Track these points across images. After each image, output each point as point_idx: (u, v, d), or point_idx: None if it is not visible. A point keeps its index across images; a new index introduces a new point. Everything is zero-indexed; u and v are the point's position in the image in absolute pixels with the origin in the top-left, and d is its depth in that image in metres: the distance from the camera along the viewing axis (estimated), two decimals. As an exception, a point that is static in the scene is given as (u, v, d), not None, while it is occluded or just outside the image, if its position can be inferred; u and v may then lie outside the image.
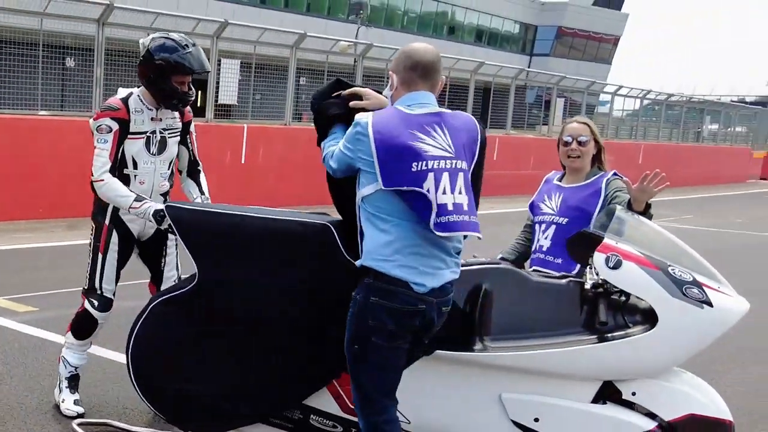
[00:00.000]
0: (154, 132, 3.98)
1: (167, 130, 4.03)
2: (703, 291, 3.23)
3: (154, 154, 4.00)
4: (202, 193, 4.22)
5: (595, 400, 3.30)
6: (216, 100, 11.82)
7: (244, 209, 3.45)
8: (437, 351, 3.30)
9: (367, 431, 3.02)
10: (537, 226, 3.97)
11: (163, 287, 4.10)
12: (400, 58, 3.05)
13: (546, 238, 3.89)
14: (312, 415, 3.46)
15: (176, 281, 4.13)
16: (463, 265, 3.42)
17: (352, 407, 3.32)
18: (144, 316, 3.54)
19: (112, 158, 3.87)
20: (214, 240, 3.40)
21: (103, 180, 3.85)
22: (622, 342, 3.24)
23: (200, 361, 3.48)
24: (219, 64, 11.59)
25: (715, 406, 3.32)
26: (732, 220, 15.87)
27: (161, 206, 3.74)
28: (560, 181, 4.04)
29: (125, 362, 3.65)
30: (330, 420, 3.45)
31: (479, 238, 2.94)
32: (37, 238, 9.20)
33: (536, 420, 3.30)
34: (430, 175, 2.81)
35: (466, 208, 2.87)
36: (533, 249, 3.96)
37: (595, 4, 51.93)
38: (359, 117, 2.94)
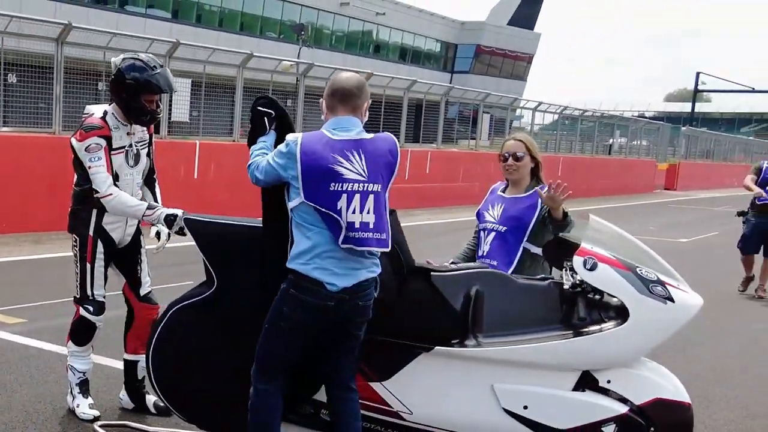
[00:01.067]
0: (130, 146, 4.14)
1: (139, 142, 4.19)
2: (666, 288, 3.59)
3: (132, 166, 4.16)
4: (156, 202, 4.35)
5: (575, 388, 3.59)
6: (169, 118, 11.81)
7: (255, 221, 3.63)
8: (436, 347, 3.56)
9: (252, 395, 3.33)
10: (481, 232, 4.27)
11: (141, 291, 4.27)
12: (327, 86, 3.39)
13: (487, 243, 4.18)
14: (322, 410, 3.64)
15: (150, 286, 4.30)
16: (452, 270, 3.74)
17: (362, 401, 3.56)
18: (163, 322, 3.67)
19: (110, 172, 3.99)
20: (231, 249, 3.57)
21: (111, 194, 3.97)
22: (598, 336, 3.55)
23: (218, 363, 3.63)
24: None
25: (677, 390, 3.66)
26: (646, 227, 16.68)
27: (171, 211, 3.92)
28: (503, 192, 4.34)
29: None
30: (337, 413, 3.64)
31: (387, 250, 3.24)
32: (6, 253, 9.06)
33: (525, 407, 3.56)
34: (344, 196, 3.13)
35: (371, 226, 3.16)
36: (478, 254, 4.24)
37: (510, 24, 53.43)
38: (289, 137, 3.24)
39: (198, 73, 12.58)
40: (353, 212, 3.13)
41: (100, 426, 3.99)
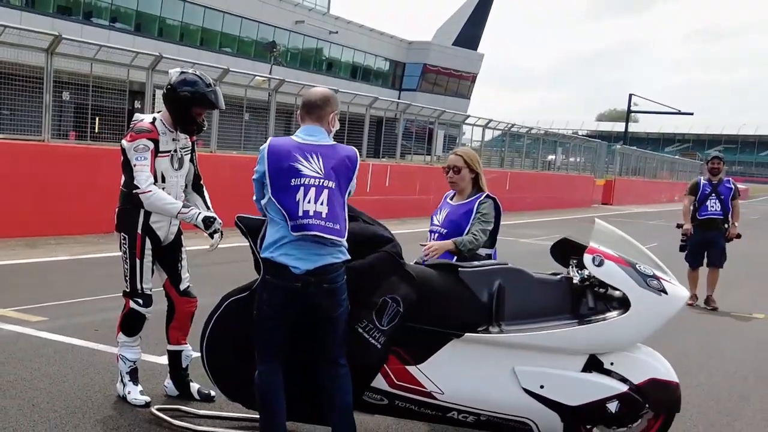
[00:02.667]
0: (175, 150, 4.40)
1: (183, 149, 4.46)
2: (661, 282, 4.05)
3: (176, 170, 4.42)
4: (207, 207, 4.63)
5: (584, 370, 3.99)
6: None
7: None
8: (465, 334, 3.93)
9: (255, 377, 3.65)
10: (429, 234, 4.75)
11: (181, 286, 4.52)
12: (301, 101, 3.84)
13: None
14: (366, 392, 3.96)
15: (189, 281, 4.57)
16: (476, 266, 4.13)
17: (399, 383, 3.91)
18: (218, 313, 3.95)
19: (152, 172, 4.25)
20: None
21: (151, 191, 4.20)
22: (604, 323, 3.97)
23: None
24: (154, 95, 11.70)
25: (668, 371, 4.11)
26: (588, 237, 17.35)
27: (209, 213, 4.22)
28: (451, 199, 4.83)
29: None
30: (378, 394, 3.96)
31: (339, 238, 3.54)
32: (3, 257, 9.03)
33: (542, 387, 3.94)
34: (301, 189, 3.51)
35: (324, 215, 3.53)
36: None
37: (455, 44, 54.48)
38: (263, 146, 3.66)
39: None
40: (308, 202, 3.50)
41: (156, 409, 4.20)
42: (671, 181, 46.91)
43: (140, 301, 4.35)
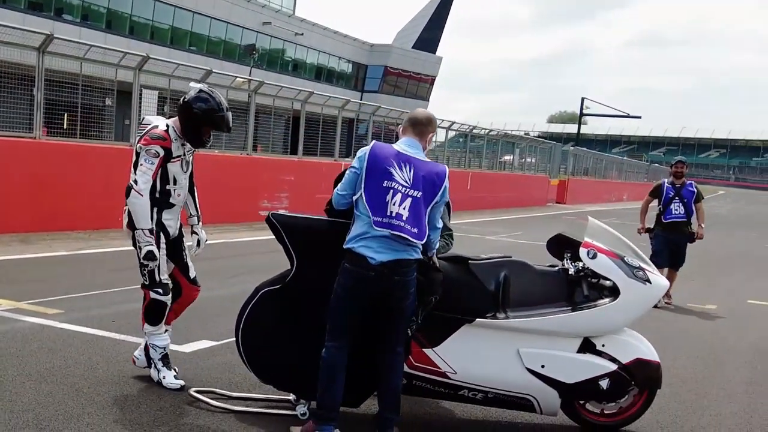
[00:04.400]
0: (184, 155, 4.64)
1: (189, 153, 4.70)
2: (645, 273, 4.47)
3: (185, 172, 4.66)
4: (196, 209, 4.89)
5: (579, 351, 4.38)
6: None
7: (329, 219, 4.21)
8: (476, 319, 4.28)
9: (323, 351, 3.93)
10: None
11: (191, 274, 4.78)
12: (406, 116, 4.27)
13: None
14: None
15: (194, 268, 4.81)
16: (485, 259, 4.47)
17: (417, 365, 4.24)
18: (252, 302, 4.22)
19: (153, 178, 4.45)
20: (312, 238, 4.17)
21: (143, 196, 4.40)
22: (596, 310, 4.37)
23: (296, 335, 4.19)
24: (141, 94, 11.77)
25: (651, 352, 4.53)
26: (549, 235, 17.89)
27: (154, 250, 4.42)
28: None
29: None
30: (398, 375, 4.28)
31: (415, 240, 3.88)
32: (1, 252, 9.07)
33: (542, 366, 4.33)
34: (391, 191, 3.88)
35: (405, 218, 3.89)
36: None
37: (414, 47, 54.87)
38: (364, 148, 4.03)
39: (164, 88, 12.81)
40: (394, 204, 3.86)
41: (195, 391, 4.42)
42: (619, 181, 48.13)
43: (160, 290, 4.54)
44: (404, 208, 3.87)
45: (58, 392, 4.30)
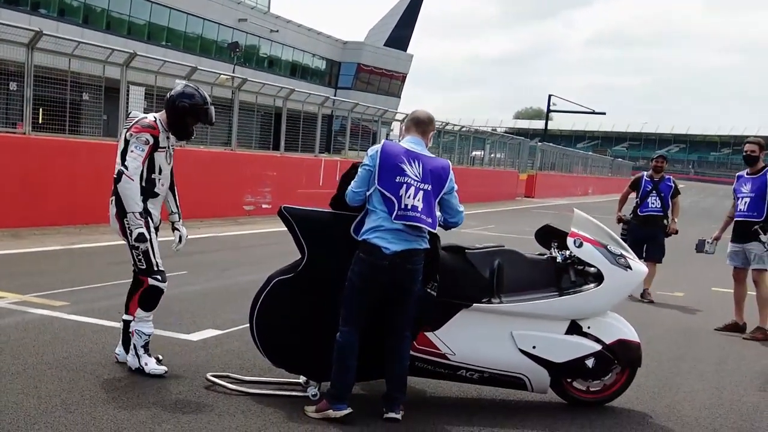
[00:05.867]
0: (169, 147, 4.77)
1: (172, 146, 4.83)
2: (626, 260, 4.75)
3: (169, 164, 4.79)
4: (176, 204, 4.94)
5: (567, 333, 4.65)
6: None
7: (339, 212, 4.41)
8: (473, 304, 4.52)
9: (337, 338, 4.14)
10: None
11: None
12: (408, 116, 4.55)
13: None
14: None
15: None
16: (480, 249, 4.72)
17: (419, 347, 4.47)
18: (266, 291, 4.40)
19: (143, 165, 4.56)
20: (321, 229, 4.37)
21: (133, 179, 4.50)
22: (582, 294, 4.65)
23: (308, 321, 4.39)
24: (128, 91, 11.81)
25: (632, 333, 4.81)
26: (521, 228, 18.24)
27: (143, 233, 4.50)
28: None
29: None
30: (401, 356, 4.50)
31: (431, 229, 4.19)
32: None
33: (534, 347, 4.58)
34: (404, 186, 4.14)
35: (420, 209, 4.16)
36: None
37: (386, 45, 54.98)
38: (374, 146, 4.29)
39: (150, 85, 12.84)
40: (408, 197, 4.12)
41: (212, 375, 4.59)
42: (585, 176, 48.85)
43: (159, 277, 4.61)
44: (418, 200, 4.13)
45: (80, 379, 4.44)
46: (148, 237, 4.54)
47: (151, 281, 4.61)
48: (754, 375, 5.87)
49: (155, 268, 4.61)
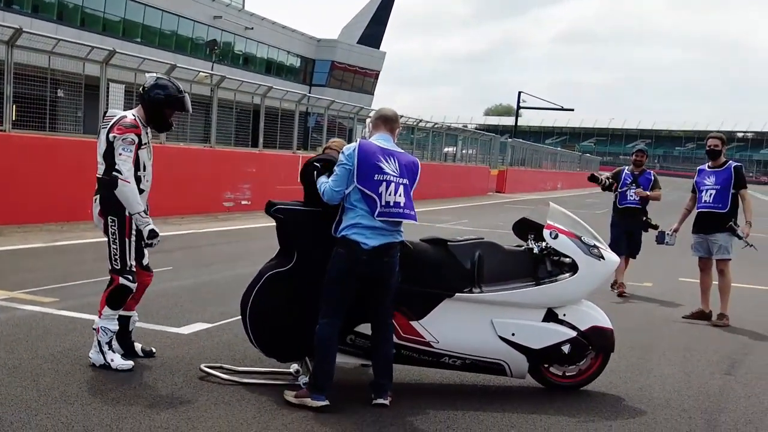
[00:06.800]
0: (149, 142, 4.81)
1: (150, 141, 4.86)
2: (599, 250, 4.94)
3: (150, 159, 4.82)
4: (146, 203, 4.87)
5: (544, 320, 4.82)
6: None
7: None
8: (456, 294, 4.68)
9: (317, 330, 4.25)
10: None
11: (144, 261, 4.83)
12: (374, 113, 4.67)
13: None
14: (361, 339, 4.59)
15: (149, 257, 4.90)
16: (461, 241, 4.87)
17: (404, 336, 4.61)
18: (259, 285, 4.50)
19: (134, 163, 4.59)
20: (311, 225, 4.49)
21: (130, 182, 4.51)
22: (558, 284, 4.82)
23: (300, 313, 4.49)
24: (108, 88, 11.76)
25: (605, 320, 5.00)
26: (494, 222, 18.50)
27: (155, 228, 4.57)
28: None
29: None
30: (388, 345, 4.63)
31: (415, 221, 4.37)
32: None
33: (513, 334, 4.75)
34: (384, 183, 4.27)
35: (402, 204, 4.30)
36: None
37: (359, 42, 54.92)
38: (350, 144, 4.39)
39: (129, 82, 12.79)
40: (389, 194, 4.24)
41: (205, 366, 4.68)
42: (554, 171, 49.43)
43: (129, 277, 4.61)
44: (400, 196, 4.26)
45: (76, 372, 4.51)
46: (158, 232, 4.61)
47: (121, 280, 4.60)
48: (720, 359, 6.11)
49: (128, 268, 4.61)
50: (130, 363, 4.64)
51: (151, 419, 3.84)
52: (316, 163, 4.50)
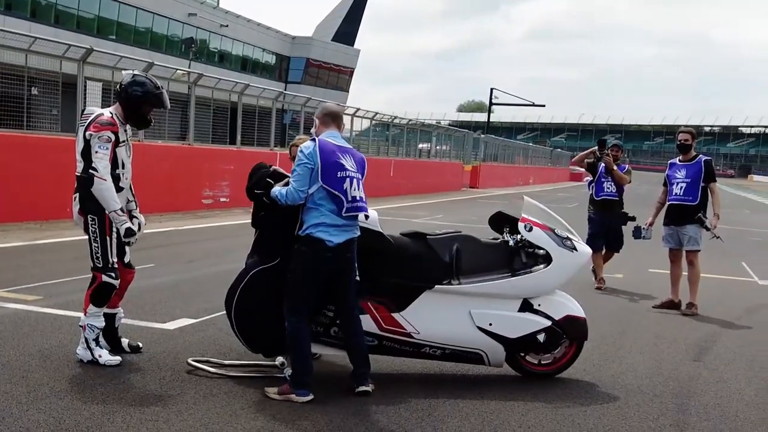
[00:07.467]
0: (127, 140, 4.79)
1: (130, 138, 4.86)
2: (572, 242, 5.07)
3: (129, 157, 4.80)
4: (133, 195, 4.94)
5: (520, 310, 4.94)
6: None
7: None
8: (435, 286, 4.78)
9: (288, 329, 4.35)
10: None
11: (126, 258, 4.82)
12: (320, 109, 4.62)
13: None
14: (333, 329, 4.66)
15: (130, 254, 4.89)
16: (440, 235, 4.97)
17: (386, 327, 4.70)
18: (245, 281, 4.55)
19: (111, 161, 4.56)
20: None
21: (106, 180, 4.49)
22: (533, 275, 4.94)
23: (280, 305, 4.55)
24: (85, 86, 11.66)
25: (578, 310, 5.12)
26: (469, 217, 18.63)
27: (133, 227, 4.59)
28: None
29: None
30: (370, 337, 4.72)
31: (366, 216, 4.49)
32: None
33: (490, 324, 4.86)
34: (347, 180, 4.34)
35: (362, 198, 4.41)
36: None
37: (333, 40, 54.81)
38: (304, 145, 4.37)
39: (107, 80, 12.69)
40: (354, 190, 4.33)
41: (193, 360, 4.72)
42: (526, 166, 49.82)
43: (112, 274, 4.60)
44: (359, 190, 4.35)
45: (65, 368, 4.53)
46: (135, 230, 4.61)
47: (104, 278, 4.59)
48: (689, 347, 6.29)
49: (110, 266, 4.61)
50: (117, 359, 4.65)
51: (141, 412, 3.88)
52: (269, 180, 4.50)
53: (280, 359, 4.68)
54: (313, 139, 4.35)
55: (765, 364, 5.83)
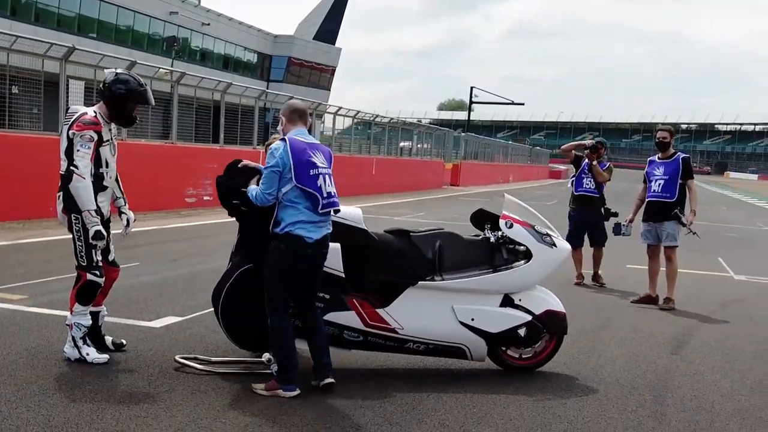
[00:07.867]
0: (111, 139, 4.77)
1: (114, 137, 4.85)
2: (552, 238, 5.15)
3: (113, 155, 4.79)
4: (121, 192, 4.96)
5: (501, 305, 5.01)
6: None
7: None
8: (418, 282, 4.84)
9: (270, 327, 4.39)
10: None
11: (110, 257, 4.82)
12: (286, 107, 4.62)
13: None
14: (345, 331, 4.78)
15: (115, 252, 4.91)
16: (423, 232, 5.04)
17: (371, 323, 4.76)
18: (231, 281, 4.59)
19: (93, 161, 4.56)
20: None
21: (85, 178, 4.47)
22: (513, 270, 5.02)
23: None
24: (68, 85, 11.57)
25: (558, 304, 5.20)
26: (450, 214, 18.72)
27: (101, 229, 4.52)
28: None
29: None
30: (355, 333, 4.79)
31: (337, 210, 4.48)
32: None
33: (472, 320, 4.93)
34: (320, 176, 4.36)
35: (334, 193, 4.45)
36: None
37: (315, 38, 54.65)
38: (277, 143, 4.38)
39: (89, 79, 12.59)
40: (327, 186, 4.35)
41: (181, 357, 4.74)
42: (506, 164, 50.04)
43: (97, 272, 4.60)
44: (331, 186, 4.39)
45: (53, 366, 4.53)
46: (104, 234, 4.56)
47: (89, 276, 4.58)
48: (666, 340, 6.41)
49: (94, 264, 4.60)
50: (105, 357, 4.66)
51: (129, 409, 3.91)
52: (243, 189, 4.51)
53: (266, 356, 4.71)
54: (283, 139, 4.34)
55: (740, 357, 5.96)
